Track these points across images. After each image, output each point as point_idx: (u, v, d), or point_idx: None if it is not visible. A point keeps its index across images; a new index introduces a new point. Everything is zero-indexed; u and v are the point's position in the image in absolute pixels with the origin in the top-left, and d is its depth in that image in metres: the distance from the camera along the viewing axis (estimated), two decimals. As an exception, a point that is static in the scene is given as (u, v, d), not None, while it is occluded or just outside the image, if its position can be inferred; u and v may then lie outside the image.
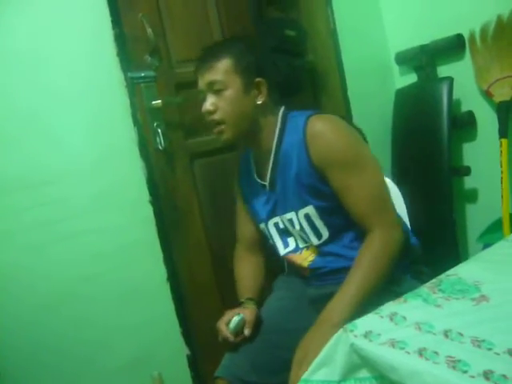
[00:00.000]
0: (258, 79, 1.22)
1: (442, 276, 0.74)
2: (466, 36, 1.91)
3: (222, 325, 1.22)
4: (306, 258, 1.27)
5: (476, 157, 1.98)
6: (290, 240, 1.30)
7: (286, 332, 1.21)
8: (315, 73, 2.04)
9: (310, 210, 1.20)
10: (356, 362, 0.72)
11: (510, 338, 0.64)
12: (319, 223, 1.21)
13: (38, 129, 1.33)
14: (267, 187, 1.29)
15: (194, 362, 1.59)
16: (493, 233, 1.83)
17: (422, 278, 1.19)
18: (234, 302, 1.72)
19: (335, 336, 0.74)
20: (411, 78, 2.12)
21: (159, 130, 1.52)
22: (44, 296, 1.33)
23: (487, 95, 1.87)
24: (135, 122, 1.49)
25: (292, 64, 1.69)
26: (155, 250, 1.53)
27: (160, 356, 1.53)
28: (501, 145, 1.81)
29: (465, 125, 1.97)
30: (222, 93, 1.19)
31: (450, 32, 1.93)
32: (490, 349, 0.63)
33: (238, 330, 1.20)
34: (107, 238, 1.44)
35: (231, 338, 1.19)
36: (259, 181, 1.32)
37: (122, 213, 1.47)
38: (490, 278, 0.70)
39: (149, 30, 1.52)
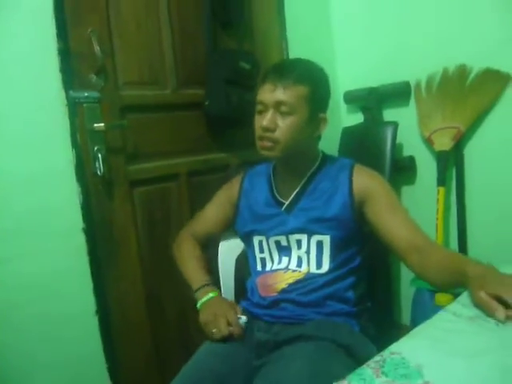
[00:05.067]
0: (322, 115, 1.26)
1: (386, 353, 0.73)
2: (413, 84, 1.97)
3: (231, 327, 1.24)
4: (286, 280, 1.26)
5: (414, 201, 2.01)
6: (285, 259, 1.29)
7: (217, 377, 1.17)
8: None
9: (325, 238, 1.24)
10: None
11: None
12: (326, 254, 1.24)
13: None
14: (285, 205, 1.30)
15: (117, 400, 1.50)
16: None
17: (368, 332, 1.23)
18: (166, 341, 1.63)
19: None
20: (358, 118, 2.16)
21: (99, 155, 1.43)
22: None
23: (428, 143, 1.92)
24: (74, 144, 1.40)
25: (243, 97, 1.66)
26: (85, 280, 1.43)
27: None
28: (438, 192, 1.87)
29: (405, 169, 2.02)
30: (287, 116, 1.19)
31: (398, 78, 1.99)
32: None
33: None
34: (33, 264, 1.33)
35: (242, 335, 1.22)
36: (278, 197, 1.33)
37: (51, 239, 1.37)
38: (433, 361, 0.68)
39: (96, 48, 1.44)
